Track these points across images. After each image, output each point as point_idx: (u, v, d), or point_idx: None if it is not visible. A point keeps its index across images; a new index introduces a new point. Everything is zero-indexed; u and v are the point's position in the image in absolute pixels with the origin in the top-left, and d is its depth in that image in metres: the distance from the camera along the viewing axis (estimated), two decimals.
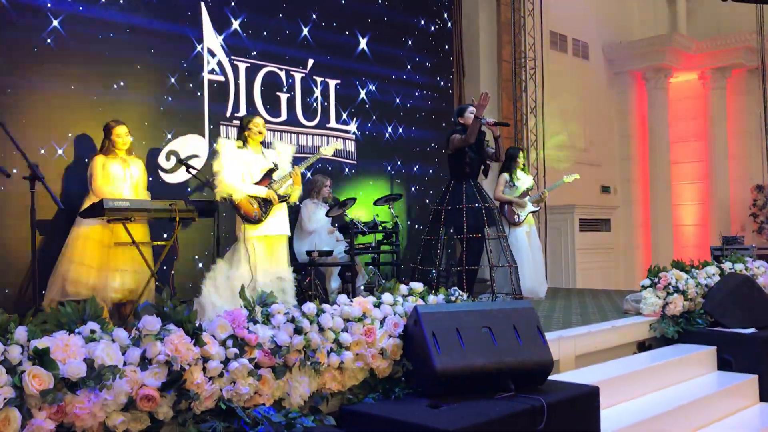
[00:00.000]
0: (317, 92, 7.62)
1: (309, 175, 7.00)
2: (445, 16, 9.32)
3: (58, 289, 5.10)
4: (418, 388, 3.37)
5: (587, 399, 3.48)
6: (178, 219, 5.15)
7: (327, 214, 6.39)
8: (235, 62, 6.91)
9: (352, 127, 7.95)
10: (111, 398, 2.49)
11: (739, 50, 12.35)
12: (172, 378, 2.65)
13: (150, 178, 5.82)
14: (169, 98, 6.36)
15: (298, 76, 7.45)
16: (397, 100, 8.51)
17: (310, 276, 6.28)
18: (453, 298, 3.84)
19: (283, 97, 7.25)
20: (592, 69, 12.47)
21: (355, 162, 7.95)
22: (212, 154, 5.20)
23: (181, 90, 6.45)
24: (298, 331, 3.11)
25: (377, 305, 3.54)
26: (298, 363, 3.07)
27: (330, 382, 3.20)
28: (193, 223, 5.78)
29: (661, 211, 12.68)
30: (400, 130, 8.55)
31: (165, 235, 5.69)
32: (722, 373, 5.24)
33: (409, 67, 8.71)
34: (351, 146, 7.91)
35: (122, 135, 5.30)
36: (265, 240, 5.15)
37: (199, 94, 6.58)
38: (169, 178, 6.30)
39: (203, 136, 6.60)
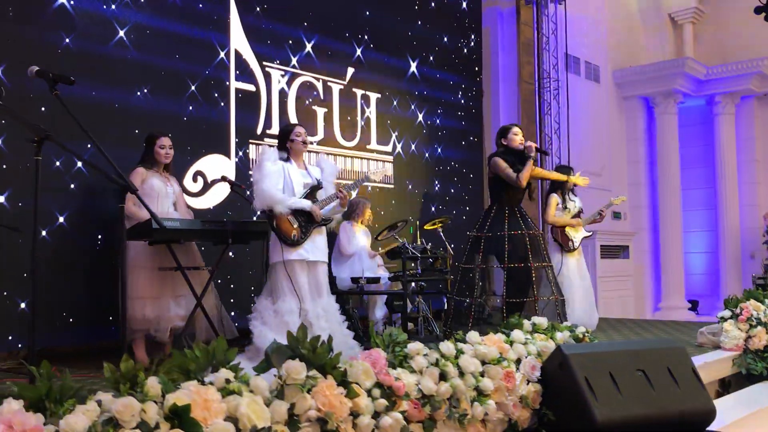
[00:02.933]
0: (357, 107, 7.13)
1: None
2: (471, 35, 8.96)
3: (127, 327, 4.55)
4: None
5: None
6: (230, 241, 4.60)
7: (377, 238, 5.88)
8: (267, 69, 6.40)
9: (389, 147, 7.49)
10: None
11: (748, 76, 12.25)
12: None
13: None
14: (191, 108, 5.80)
15: (335, 88, 6.97)
16: (437, 121, 8.11)
17: (348, 305, 5.78)
18: (581, 335, 3.38)
19: (320, 111, 6.75)
20: (603, 93, 12.25)
21: (393, 186, 7.49)
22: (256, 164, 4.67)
23: (204, 99, 5.89)
24: (442, 376, 2.61)
25: (509, 344, 3.06)
26: (444, 416, 2.57)
27: None
28: (233, 247, 5.24)
29: (671, 238, 12.42)
30: (439, 150, 8.17)
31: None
32: None
33: (450, 83, 8.36)
34: (390, 168, 7.46)
35: (166, 147, 4.75)
36: (304, 265, 4.60)
37: (222, 104, 6.03)
38: (196, 203, 5.72)
39: (228, 156, 6.03)
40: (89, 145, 4.41)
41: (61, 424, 1.72)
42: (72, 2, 5.08)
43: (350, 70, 7.22)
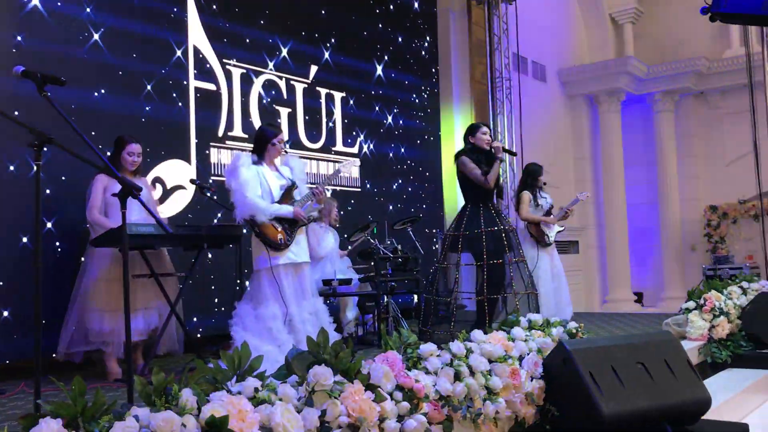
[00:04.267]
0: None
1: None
2: (427, 36, 9.01)
3: (78, 338, 4.36)
4: None
5: None
6: (205, 246, 4.48)
7: (349, 239, 5.83)
8: (228, 67, 6.26)
9: (355, 148, 7.43)
10: None
11: (686, 75, 12.69)
12: None
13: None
14: (147, 108, 5.59)
15: (299, 87, 6.87)
16: (395, 121, 8.09)
17: None
18: (574, 330, 3.43)
19: (284, 111, 6.64)
20: (549, 92, 12.50)
21: (360, 188, 7.43)
22: (230, 170, 4.51)
23: (161, 99, 5.69)
24: (457, 376, 2.60)
25: (510, 341, 3.07)
26: (460, 416, 2.56)
27: None
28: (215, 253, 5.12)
29: (616, 233, 12.76)
30: (397, 149, 8.14)
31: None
32: None
33: (408, 83, 8.36)
34: (356, 170, 7.41)
35: (135, 154, 4.58)
36: (291, 268, 4.52)
37: (180, 104, 5.84)
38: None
39: (188, 160, 5.86)
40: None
41: None
42: (28, 1, 4.86)
43: (313, 68, 7.14)
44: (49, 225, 4.77)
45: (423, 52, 8.88)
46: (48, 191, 4.79)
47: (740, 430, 3.17)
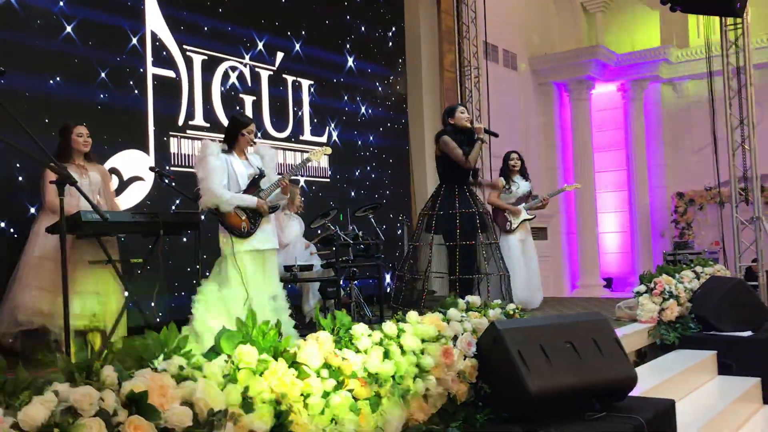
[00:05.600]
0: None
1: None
2: (395, 25, 9.08)
3: (8, 318, 4.39)
4: (501, 413, 3.04)
5: (668, 413, 3.30)
6: (162, 233, 4.55)
7: (311, 225, 5.93)
8: (187, 52, 6.28)
9: (324, 137, 7.50)
10: None
11: (655, 63, 12.87)
12: (280, 420, 2.21)
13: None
14: (102, 96, 5.58)
15: (264, 74, 6.92)
16: (362, 110, 8.17)
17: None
18: (512, 312, 3.55)
19: (248, 99, 6.70)
20: (520, 80, 12.62)
21: (328, 178, 7.50)
22: (199, 159, 4.59)
23: (117, 87, 5.69)
24: (386, 355, 2.72)
25: (445, 322, 3.19)
26: (389, 393, 2.68)
27: (417, 413, 2.83)
28: (169, 241, 5.18)
29: (585, 220, 12.97)
30: (365, 138, 8.22)
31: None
32: (725, 378, 5.23)
33: (373, 71, 8.41)
34: (324, 159, 7.48)
35: (84, 134, 4.64)
36: (254, 255, 4.64)
37: (137, 92, 5.84)
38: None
39: (147, 150, 5.89)
40: None
41: (20, 416, 1.72)
42: None
43: (279, 55, 7.19)
44: None
45: (390, 41, 8.96)
46: None
47: (667, 405, 3.31)
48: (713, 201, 12.34)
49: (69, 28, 5.36)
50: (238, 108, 6.64)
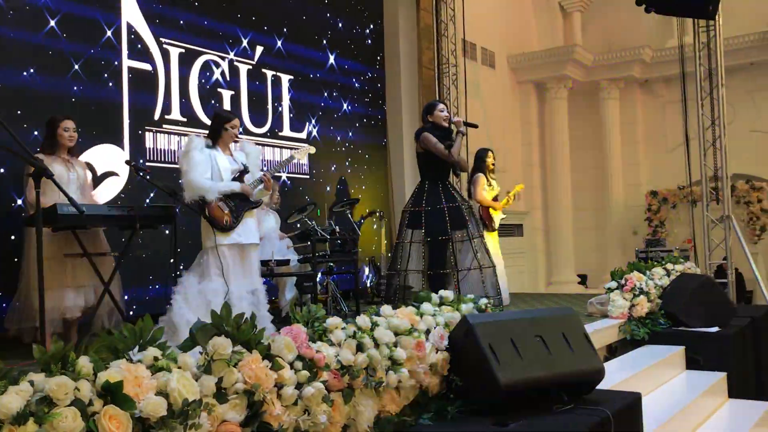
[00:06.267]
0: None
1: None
2: (374, 21, 9.12)
3: (24, 317, 4.41)
4: (472, 405, 3.11)
5: (634, 405, 3.38)
6: (138, 226, 4.57)
7: (288, 221, 5.96)
8: (164, 44, 6.25)
9: (303, 134, 7.51)
10: None
11: (631, 63, 13.03)
12: (254, 410, 2.25)
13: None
14: (75, 89, 5.54)
15: (243, 69, 6.91)
16: (342, 106, 8.19)
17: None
18: (484, 306, 3.62)
19: (226, 94, 6.70)
20: (498, 78, 12.72)
21: (308, 175, 7.51)
22: (183, 153, 4.62)
23: (91, 80, 5.65)
24: (360, 347, 2.77)
25: (419, 316, 3.25)
26: (362, 385, 2.73)
27: (389, 404, 2.88)
28: (145, 234, 5.19)
29: (561, 216, 13.11)
30: (344, 134, 8.23)
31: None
32: (693, 373, 5.35)
33: (352, 68, 8.43)
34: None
35: (70, 129, 4.64)
36: (236, 249, 4.68)
37: (111, 84, 5.80)
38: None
39: (121, 145, 5.87)
40: None
41: None
42: None
43: (258, 50, 7.19)
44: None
45: (368, 38, 9.00)
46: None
47: (633, 398, 3.39)
48: (686, 200, 12.54)
49: (52, 22, 5.32)
50: (214, 102, 6.64)
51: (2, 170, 4.97)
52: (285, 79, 7.52)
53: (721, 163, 8.19)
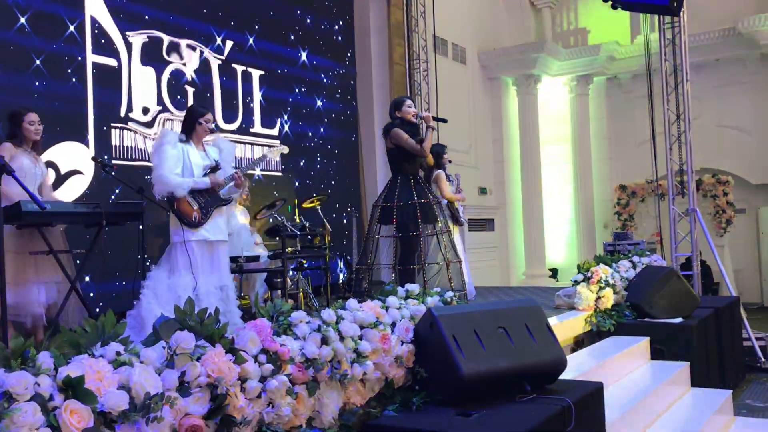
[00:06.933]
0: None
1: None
2: (344, 17, 9.13)
3: None
4: (436, 396, 3.16)
5: (595, 395, 3.45)
6: (105, 223, 4.54)
7: (256, 216, 5.96)
8: (129, 39, 6.19)
9: (275, 130, 7.49)
10: None
11: (600, 59, 13.18)
12: (217, 404, 2.27)
13: None
14: (37, 84, 5.46)
15: (214, 64, 6.88)
16: (312, 102, 8.18)
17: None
18: (449, 299, 3.67)
19: (191, 91, 6.68)
20: (469, 74, 12.79)
21: (281, 173, 7.49)
22: (155, 147, 4.60)
23: (53, 76, 5.57)
24: (324, 341, 2.80)
25: (384, 309, 3.29)
26: (327, 377, 2.76)
27: (354, 396, 2.92)
28: (110, 231, 5.14)
29: (533, 211, 13.24)
30: (316, 130, 8.23)
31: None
32: (657, 363, 5.46)
33: (324, 64, 8.43)
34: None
35: (35, 122, 4.59)
36: (204, 245, 4.68)
37: (75, 80, 5.74)
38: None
39: (86, 143, 5.81)
40: None
41: None
42: None
43: (228, 44, 7.16)
44: None
45: (338, 34, 9.00)
46: None
47: (595, 387, 3.46)
48: (654, 194, 12.74)
49: (23, 19, 5.26)
50: (179, 98, 6.61)
51: None
52: (255, 75, 7.51)
53: (686, 158, 8.34)
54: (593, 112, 13.70)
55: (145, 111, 6.30)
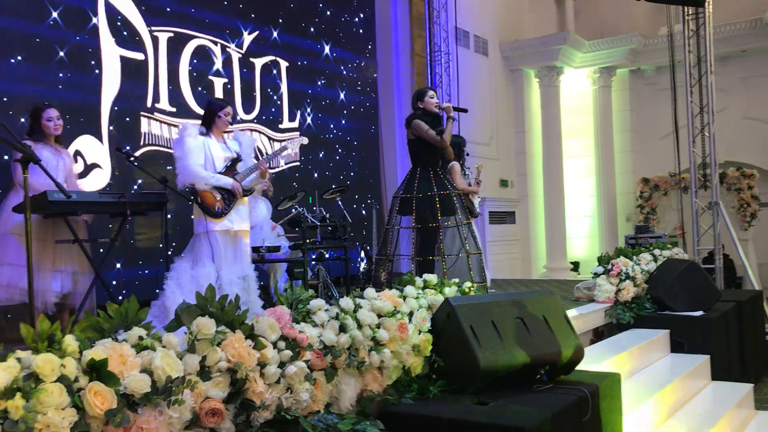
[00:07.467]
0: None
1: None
2: (365, 10, 9.14)
3: None
4: (453, 385, 3.19)
5: (613, 386, 3.45)
6: (128, 213, 4.62)
7: (278, 208, 6.01)
8: (154, 32, 6.26)
9: (296, 123, 7.54)
10: (177, 415, 2.13)
11: (623, 51, 13.06)
12: (236, 388, 2.32)
13: None
14: (61, 75, 5.54)
15: (235, 57, 6.93)
16: (334, 94, 8.22)
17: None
18: (467, 290, 3.69)
19: (218, 82, 6.73)
20: (491, 66, 12.75)
21: (298, 163, 7.55)
22: (177, 140, 4.68)
23: (80, 67, 5.64)
24: (342, 328, 2.84)
25: (402, 298, 3.32)
26: (345, 364, 2.81)
27: (372, 384, 2.96)
28: (134, 220, 5.24)
29: (554, 204, 13.17)
30: (337, 122, 8.28)
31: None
32: (677, 356, 5.44)
33: (346, 56, 8.47)
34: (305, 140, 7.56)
35: (54, 118, 4.68)
36: (227, 235, 4.75)
37: (97, 71, 5.80)
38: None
39: (108, 135, 5.87)
40: None
41: None
42: None
43: (249, 38, 7.21)
44: None
45: (360, 26, 9.02)
46: None
47: (613, 378, 3.46)
48: (677, 187, 12.63)
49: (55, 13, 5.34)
50: (200, 89, 6.67)
51: None
52: (277, 67, 7.56)
53: (709, 150, 8.26)
54: (616, 105, 13.58)
55: (170, 103, 6.37)
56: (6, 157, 4.95)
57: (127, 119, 6.02)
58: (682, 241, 9.11)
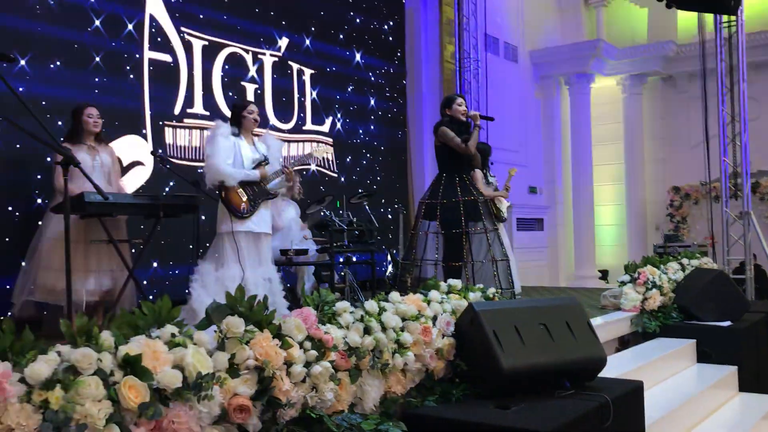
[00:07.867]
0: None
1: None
2: (394, 17, 9.22)
3: (24, 296, 4.60)
4: (476, 389, 3.23)
5: (636, 393, 3.47)
6: (162, 215, 4.74)
7: (307, 211, 6.11)
8: (188, 38, 6.41)
9: (326, 127, 7.65)
10: (206, 410, 2.21)
11: (654, 59, 12.98)
12: (263, 386, 2.40)
13: None
14: (97, 79, 5.71)
15: (268, 62, 7.05)
16: (363, 100, 8.32)
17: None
18: (491, 295, 3.74)
19: (250, 87, 6.86)
20: (521, 72, 12.75)
21: (334, 172, 7.66)
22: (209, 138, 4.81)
23: (115, 74, 5.80)
24: (367, 331, 2.91)
25: (426, 303, 3.38)
26: (369, 366, 2.87)
27: (395, 386, 3.02)
28: (165, 221, 5.36)
29: (583, 211, 13.12)
30: (366, 128, 8.38)
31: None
32: (703, 366, 5.40)
33: (375, 63, 8.57)
34: (330, 149, 7.66)
35: (94, 115, 4.82)
36: (250, 237, 4.84)
37: (132, 77, 5.97)
38: None
39: (145, 138, 6.04)
40: None
41: (26, 372, 1.92)
42: None
43: (281, 44, 7.33)
44: None
45: (390, 33, 9.10)
46: None
47: (635, 385, 3.48)
48: (708, 196, 12.48)
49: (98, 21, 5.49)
50: (230, 94, 6.79)
51: (25, 162, 5.17)
52: (308, 74, 7.67)
53: (741, 159, 8.18)
54: (646, 113, 13.49)
55: (204, 107, 6.50)
56: (48, 159, 5.11)
57: (160, 123, 6.16)
58: (712, 251, 9.02)
